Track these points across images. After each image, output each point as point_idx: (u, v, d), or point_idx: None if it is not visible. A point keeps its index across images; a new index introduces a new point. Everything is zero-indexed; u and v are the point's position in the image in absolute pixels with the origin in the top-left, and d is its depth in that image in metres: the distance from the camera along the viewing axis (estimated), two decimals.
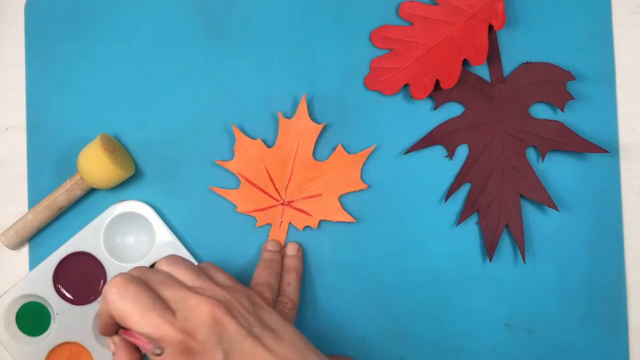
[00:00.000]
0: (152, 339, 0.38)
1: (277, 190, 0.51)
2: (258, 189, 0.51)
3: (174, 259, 0.43)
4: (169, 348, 0.38)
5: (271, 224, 0.51)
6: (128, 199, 0.52)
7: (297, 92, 0.52)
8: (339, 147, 0.51)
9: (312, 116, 0.52)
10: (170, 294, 0.39)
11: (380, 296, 0.51)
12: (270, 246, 0.51)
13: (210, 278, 0.42)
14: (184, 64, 0.52)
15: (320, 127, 0.51)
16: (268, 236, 0.52)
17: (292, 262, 0.50)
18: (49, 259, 0.51)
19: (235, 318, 0.39)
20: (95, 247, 0.51)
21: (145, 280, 0.40)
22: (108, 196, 0.52)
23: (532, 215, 0.52)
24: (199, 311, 0.39)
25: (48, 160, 0.52)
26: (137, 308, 0.38)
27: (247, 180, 0.51)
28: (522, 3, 0.52)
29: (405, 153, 0.52)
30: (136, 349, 0.41)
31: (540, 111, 0.52)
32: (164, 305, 0.39)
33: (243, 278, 0.51)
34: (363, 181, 0.51)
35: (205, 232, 0.52)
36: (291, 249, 0.51)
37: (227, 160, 0.51)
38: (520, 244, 0.51)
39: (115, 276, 0.39)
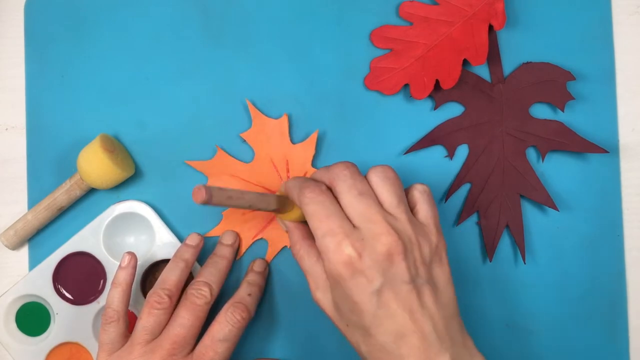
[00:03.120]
0: (322, 243, 0.41)
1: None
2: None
3: (387, 174, 0.44)
4: (333, 255, 0.41)
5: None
6: (128, 199, 0.52)
7: (297, 92, 0.52)
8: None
9: (311, 116, 0.52)
10: (363, 209, 0.42)
11: None
12: (225, 239, 0.51)
13: (408, 210, 0.43)
14: (184, 64, 0.52)
15: (284, 119, 0.51)
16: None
17: (256, 279, 0.50)
18: (49, 259, 0.51)
19: (407, 261, 0.41)
20: (95, 247, 0.51)
21: (350, 185, 0.42)
22: (108, 196, 0.52)
23: (532, 215, 0.52)
24: (379, 240, 0.41)
25: (48, 160, 0.52)
26: (320, 213, 0.42)
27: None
28: (522, 3, 0.52)
29: (405, 153, 0.52)
30: (307, 227, 0.46)
31: (540, 111, 0.52)
32: (346, 219, 0.42)
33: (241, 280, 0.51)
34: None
35: (205, 232, 0.52)
36: (259, 265, 0.51)
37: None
38: (520, 244, 0.51)
39: (313, 181, 0.44)
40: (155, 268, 0.52)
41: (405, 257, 0.41)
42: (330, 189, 0.44)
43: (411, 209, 0.45)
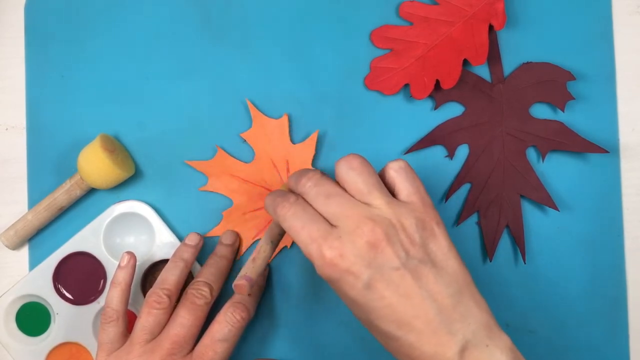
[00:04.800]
0: (306, 252, 0.41)
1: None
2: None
3: (351, 164, 0.42)
4: (317, 261, 0.40)
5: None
6: (128, 199, 0.52)
7: (297, 92, 0.52)
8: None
9: (311, 116, 0.52)
10: (334, 209, 0.41)
11: None
12: (225, 239, 0.51)
13: (386, 194, 0.41)
14: (184, 64, 0.52)
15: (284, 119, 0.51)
16: None
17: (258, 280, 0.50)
18: (49, 259, 0.51)
19: (393, 245, 0.39)
20: (95, 247, 0.51)
21: (316, 193, 0.42)
22: (108, 196, 0.52)
23: (532, 215, 0.52)
24: (356, 234, 0.39)
25: (48, 160, 0.52)
26: (295, 226, 0.41)
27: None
28: (522, 3, 0.52)
29: (405, 153, 0.52)
30: None
31: (541, 111, 0.52)
32: (322, 221, 0.41)
33: None
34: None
35: (205, 232, 0.52)
36: None
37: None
38: (520, 244, 0.51)
39: (281, 195, 0.42)
40: (156, 268, 0.52)
41: (389, 242, 0.39)
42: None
43: (391, 190, 0.43)
